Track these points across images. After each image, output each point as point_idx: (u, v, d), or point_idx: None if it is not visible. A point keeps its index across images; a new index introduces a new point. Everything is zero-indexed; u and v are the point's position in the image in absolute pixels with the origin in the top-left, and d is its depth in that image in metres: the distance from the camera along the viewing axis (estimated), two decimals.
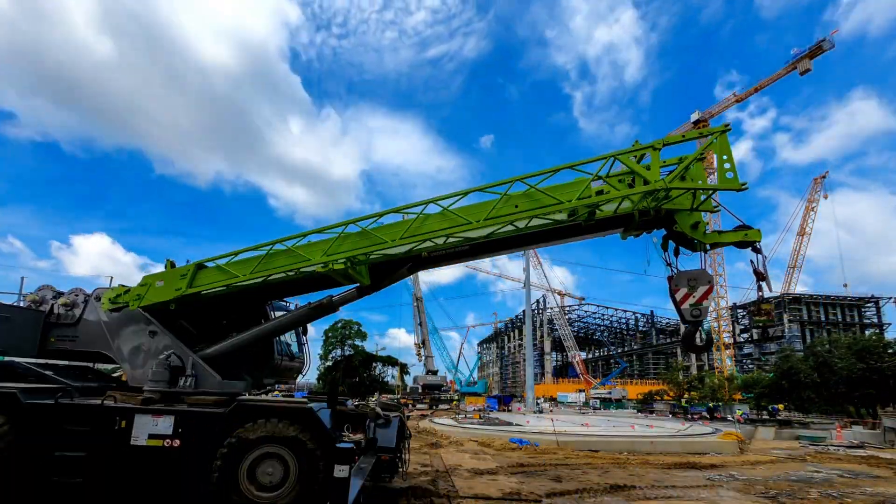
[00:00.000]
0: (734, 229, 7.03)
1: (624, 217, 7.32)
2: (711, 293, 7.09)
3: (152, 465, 6.37)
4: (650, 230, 7.65)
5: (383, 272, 8.39)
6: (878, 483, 12.80)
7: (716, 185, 6.52)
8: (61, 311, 8.30)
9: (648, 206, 6.93)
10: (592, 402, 62.10)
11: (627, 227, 7.51)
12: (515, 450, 17.75)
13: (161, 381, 7.33)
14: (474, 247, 7.97)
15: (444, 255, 8.28)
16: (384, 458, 8.20)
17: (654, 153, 6.61)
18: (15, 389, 6.45)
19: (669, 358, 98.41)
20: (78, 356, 8.45)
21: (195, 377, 7.50)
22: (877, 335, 43.39)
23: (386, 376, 75.93)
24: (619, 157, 6.69)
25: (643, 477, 12.55)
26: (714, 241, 7.09)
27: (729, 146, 6.56)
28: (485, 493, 9.91)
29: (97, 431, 6.41)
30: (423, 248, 7.71)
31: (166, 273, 8.53)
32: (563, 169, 6.96)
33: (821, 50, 58.58)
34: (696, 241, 7.07)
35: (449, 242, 7.63)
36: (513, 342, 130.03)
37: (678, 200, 6.88)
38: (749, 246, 7.01)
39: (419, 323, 71.18)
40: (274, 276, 8.03)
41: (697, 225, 6.98)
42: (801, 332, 75.66)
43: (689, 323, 7.18)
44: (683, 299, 7.07)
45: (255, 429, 6.44)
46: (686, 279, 7.07)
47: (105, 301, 8.28)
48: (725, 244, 7.14)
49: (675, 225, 7.09)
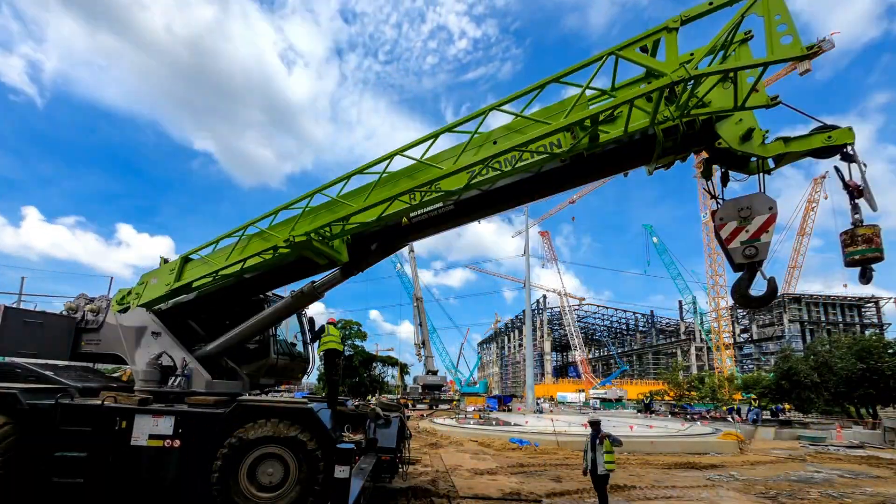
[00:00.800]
0: (810, 133, 4.99)
1: (644, 142, 5.53)
2: (773, 223, 5.08)
3: (153, 466, 6.38)
4: (684, 154, 5.66)
5: (363, 247, 7.65)
6: (878, 483, 12.80)
7: (767, 58, 4.40)
8: (89, 317, 8.63)
9: (673, 117, 4.97)
10: (592, 402, 62.07)
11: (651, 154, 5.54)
12: (515, 450, 17.75)
13: (151, 380, 7.45)
14: (459, 204, 6.79)
15: (427, 220, 7.10)
16: (384, 458, 8.19)
17: (668, 36, 4.78)
18: (15, 390, 6.47)
19: (669, 358, 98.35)
20: (101, 358, 8.79)
21: (186, 377, 7.55)
22: (877, 335, 43.34)
23: (386, 376, 75.99)
24: (621, 53, 4.88)
25: (643, 477, 12.55)
26: (780, 150, 5.02)
27: (783, 2, 4.48)
28: (485, 494, 9.91)
29: (98, 432, 6.42)
30: (397, 211, 6.46)
31: (159, 270, 8.65)
32: (547, 84, 5.21)
33: (820, 50, 58.59)
34: (752, 158, 5.18)
35: (427, 200, 6.29)
36: (513, 342, 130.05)
37: (715, 100, 4.98)
38: (836, 153, 4.94)
39: (419, 323, 71.03)
40: (251, 261, 7.45)
41: (751, 133, 5.03)
42: (801, 332, 75.65)
43: (743, 266, 5.28)
44: (733, 235, 5.26)
45: (255, 429, 6.44)
46: (736, 209, 5.25)
47: (113, 303, 8.54)
48: (799, 155, 5.06)
49: (719, 140, 5.19)
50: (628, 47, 4.90)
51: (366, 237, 7.59)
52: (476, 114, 5.73)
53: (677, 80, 4.48)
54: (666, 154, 5.52)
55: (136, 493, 6.37)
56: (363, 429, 8.17)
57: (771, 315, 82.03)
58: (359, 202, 6.47)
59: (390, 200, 6.26)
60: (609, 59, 4.95)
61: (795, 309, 78.29)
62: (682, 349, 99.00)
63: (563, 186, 6.68)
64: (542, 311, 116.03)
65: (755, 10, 4.51)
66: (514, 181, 6.30)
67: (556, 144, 5.63)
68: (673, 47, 4.80)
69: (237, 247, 7.67)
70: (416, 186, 6.09)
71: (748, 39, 4.88)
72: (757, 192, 5.27)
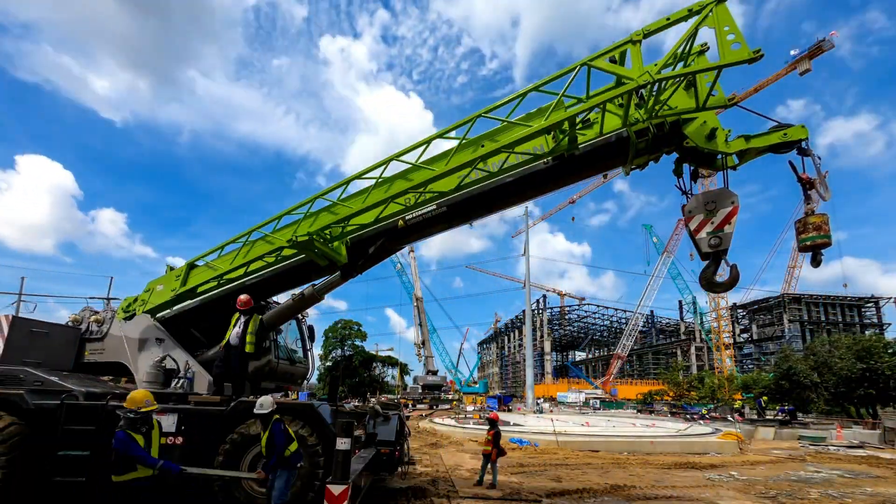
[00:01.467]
0: (769, 130, 5.59)
1: (619, 144, 6.13)
2: (735, 215, 5.66)
3: None
4: (656, 155, 6.20)
5: (361, 249, 7.90)
6: (878, 483, 12.82)
7: (720, 62, 5.08)
8: (94, 328, 8.72)
9: (643, 119, 5.63)
10: (592, 403, 62.11)
11: (625, 156, 6.15)
12: (515, 450, 17.76)
13: (154, 382, 7.51)
14: (452, 207, 7.09)
15: (422, 222, 7.38)
16: (384, 451, 8.22)
17: (633, 48, 5.41)
18: (22, 391, 6.56)
19: (669, 358, 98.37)
20: (105, 368, 8.81)
21: (189, 380, 7.66)
22: (877, 335, 43.39)
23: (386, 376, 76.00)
24: (593, 63, 5.50)
25: (643, 477, 12.58)
26: (742, 147, 5.62)
27: (730, 16, 5.14)
28: (485, 494, 9.94)
29: (101, 431, 6.45)
30: (393, 213, 6.95)
31: (165, 277, 8.79)
32: (528, 92, 5.81)
33: (820, 50, 58.60)
34: (717, 155, 5.69)
35: (420, 202, 6.74)
36: (513, 342, 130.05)
37: (680, 104, 5.61)
38: (792, 148, 5.51)
39: (419, 323, 71.17)
40: (254, 265, 7.86)
41: (715, 133, 5.58)
42: (801, 332, 75.64)
43: (708, 255, 5.82)
44: (700, 227, 5.78)
45: (256, 425, 6.49)
46: (703, 202, 5.78)
47: (119, 311, 8.67)
48: (759, 151, 5.64)
49: (686, 140, 5.72)
50: (599, 58, 5.54)
51: (364, 240, 7.83)
52: (465, 120, 6.19)
53: (642, 83, 5.18)
54: (640, 155, 6.09)
55: None
56: (363, 425, 8.24)
57: (771, 315, 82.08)
58: (357, 204, 6.82)
59: (386, 202, 6.65)
60: (582, 69, 5.61)
61: (795, 309, 78.31)
62: (682, 349, 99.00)
63: (548, 188, 7.00)
64: (542, 311, 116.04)
65: (707, 23, 5.16)
66: (502, 183, 6.71)
67: (538, 148, 6.22)
68: (638, 57, 5.42)
69: (241, 251, 7.95)
70: (411, 188, 6.48)
71: (704, 51, 5.49)
72: (722, 188, 5.77)
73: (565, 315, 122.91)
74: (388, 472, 8.69)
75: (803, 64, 59.47)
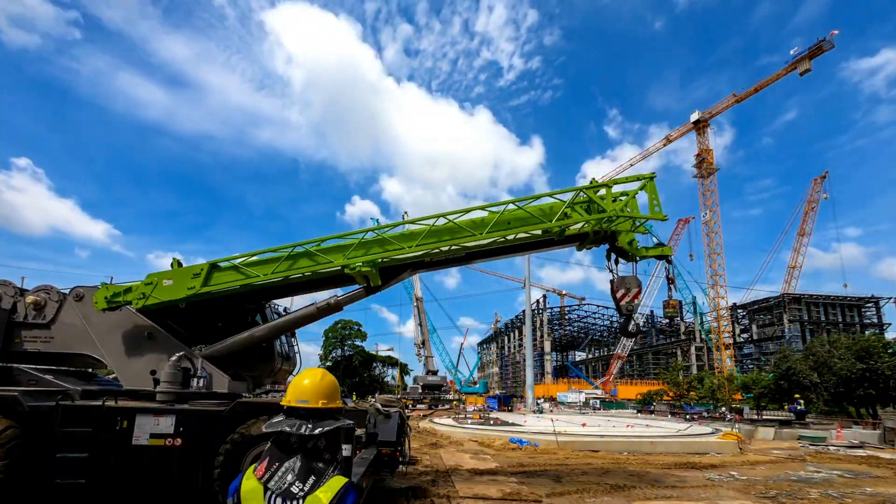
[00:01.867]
0: (654, 246, 9.71)
1: (582, 234, 9.52)
2: (640, 294, 9.62)
3: (155, 465, 6.40)
4: (599, 245, 9.83)
5: (391, 274, 9.27)
6: (878, 483, 12.81)
7: (647, 215, 8.92)
8: (30, 311, 7.81)
9: (601, 227, 9.22)
10: (592, 403, 62.09)
11: (583, 242, 9.72)
12: (515, 450, 17.76)
13: (175, 382, 7.27)
14: (469, 254, 9.61)
15: (443, 260, 9.73)
16: (385, 451, 8.20)
17: (607, 189, 9.08)
18: (16, 392, 6.44)
19: (669, 358, 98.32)
20: (52, 358, 8.03)
21: (206, 379, 7.51)
22: (876, 335, 43.37)
23: (386, 376, 75.96)
24: (585, 190, 9.11)
25: (643, 477, 12.57)
26: (642, 254, 9.47)
27: (655, 188, 8.96)
28: (485, 494, 9.92)
29: (99, 432, 6.43)
30: (431, 253, 9.11)
31: (175, 272, 8.36)
32: (544, 196, 9.26)
33: (821, 50, 58.60)
34: (630, 254, 9.39)
35: (452, 250, 9.21)
36: (513, 342, 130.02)
37: (621, 225, 9.17)
38: (665, 258, 9.87)
39: (419, 323, 71.05)
40: (293, 276, 8.72)
41: (632, 242, 9.36)
42: (801, 332, 75.62)
43: (625, 316, 9.57)
44: (622, 298, 9.39)
45: (257, 425, 6.48)
46: (623, 283, 9.42)
47: (99, 300, 7.93)
48: (649, 257, 9.67)
49: (617, 241, 9.31)
50: (589, 189, 9.09)
51: (395, 266, 9.36)
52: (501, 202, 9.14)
53: (612, 215, 8.81)
54: (592, 243, 9.75)
55: (138, 492, 6.40)
56: (363, 424, 8.20)
57: (771, 315, 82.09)
58: (412, 244, 8.76)
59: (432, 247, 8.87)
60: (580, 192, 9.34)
61: (795, 309, 78.29)
62: (681, 349, 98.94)
63: (533, 250, 10.54)
64: (542, 311, 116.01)
65: (645, 190, 9.07)
66: (511, 245, 9.65)
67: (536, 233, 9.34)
68: (609, 195, 9.03)
69: (285, 263, 8.60)
70: (451, 239, 8.91)
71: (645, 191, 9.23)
72: (633, 275, 9.54)
73: (565, 315, 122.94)
74: (390, 472, 8.69)
75: (803, 64, 59.45)
